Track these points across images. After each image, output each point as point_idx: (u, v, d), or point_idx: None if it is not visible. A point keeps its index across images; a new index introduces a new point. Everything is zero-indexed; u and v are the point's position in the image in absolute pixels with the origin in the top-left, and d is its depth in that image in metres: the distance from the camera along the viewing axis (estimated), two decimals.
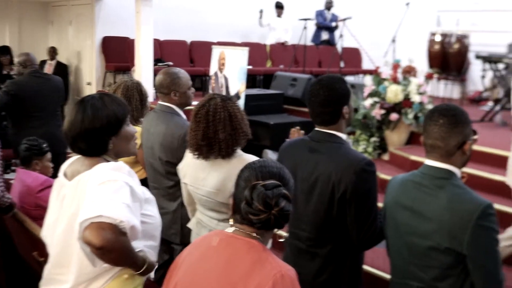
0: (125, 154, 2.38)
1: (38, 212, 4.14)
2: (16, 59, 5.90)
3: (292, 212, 1.92)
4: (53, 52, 10.11)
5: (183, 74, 3.75)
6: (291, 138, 3.14)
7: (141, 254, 2.19)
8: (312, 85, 2.74)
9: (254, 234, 1.88)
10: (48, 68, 9.77)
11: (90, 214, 1.94)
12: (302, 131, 3.18)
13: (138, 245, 2.18)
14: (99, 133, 2.23)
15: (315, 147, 2.71)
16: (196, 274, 1.90)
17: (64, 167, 2.36)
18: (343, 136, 2.74)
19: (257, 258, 1.83)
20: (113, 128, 2.25)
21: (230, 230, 1.93)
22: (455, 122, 2.29)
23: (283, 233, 2.16)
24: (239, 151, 2.98)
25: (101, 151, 2.26)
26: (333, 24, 11.96)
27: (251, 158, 2.86)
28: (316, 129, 2.76)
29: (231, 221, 1.96)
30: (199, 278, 1.88)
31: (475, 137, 2.40)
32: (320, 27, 12.19)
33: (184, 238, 3.53)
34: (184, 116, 3.74)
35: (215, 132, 2.87)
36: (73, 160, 2.36)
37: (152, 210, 2.33)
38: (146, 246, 2.28)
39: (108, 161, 2.25)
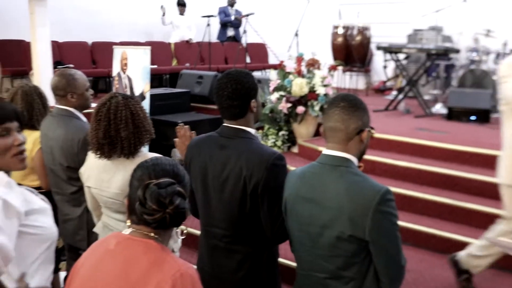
0: (2, 167, 2.15)
1: None
2: None
3: (189, 209, 1.94)
4: None
5: (79, 75, 3.62)
6: (179, 136, 3.12)
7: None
8: (219, 79, 2.69)
9: (152, 234, 1.83)
10: None
11: None
12: (187, 126, 3.15)
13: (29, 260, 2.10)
14: None
15: (225, 143, 2.67)
16: (94, 279, 1.83)
17: None
18: (252, 131, 2.71)
19: (155, 259, 1.79)
20: None
21: (127, 231, 1.88)
22: (355, 105, 2.32)
23: (184, 228, 2.05)
24: (143, 150, 2.93)
25: None
26: (232, 18, 11.97)
27: (156, 156, 2.76)
28: (225, 124, 2.72)
29: (128, 222, 1.91)
30: (97, 283, 1.81)
31: (373, 130, 2.42)
32: (224, 24, 12.17)
33: (91, 244, 3.36)
34: (84, 119, 3.61)
35: (116, 130, 2.79)
36: None
37: (43, 221, 2.18)
38: (36, 263, 2.15)
39: None
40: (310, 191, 2.35)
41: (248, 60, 10.14)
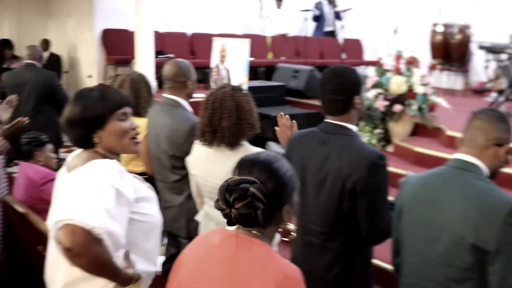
0: (119, 150, 2.26)
1: (42, 206, 4.11)
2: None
3: (301, 205, 1.91)
4: (45, 44, 10.10)
5: (191, 64, 3.75)
6: (280, 126, 3.16)
7: (130, 271, 2.08)
8: (324, 73, 2.71)
9: (255, 232, 1.79)
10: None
11: (64, 216, 1.88)
12: (287, 116, 3.17)
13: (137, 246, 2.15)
14: (78, 125, 2.17)
15: (326, 139, 2.66)
16: (199, 275, 1.84)
17: (68, 159, 2.31)
18: (354, 128, 2.70)
19: (259, 258, 1.76)
20: (93, 122, 2.17)
21: (232, 227, 1.84)
22: (502, 117, 2.29)
23: (292, 227, 2.02)
24: (246, 143, 2.97)
25: (86, 144, 2.21)
26: (329, 12, 11.90)
27: (258, 150, 2.80)
28: (327, 120, 2.72)
29: None
30: (201, 279, 1.83)
31: None
32: (319, 19, 12.12)
33: (191, 232, 3.49)
34: (190, 109, 3.71)
35: (219, 119, 2.88)
36: (75, 153, 2.31)
37: (150, 208, 2.24)
38: (144, 249, 2.21)
39: (104, 157, 2.19)
40: (432, 192, 2.30)
41: (343, 56, 10.08)
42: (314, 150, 2.68)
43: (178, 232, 3.64)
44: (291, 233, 2.03)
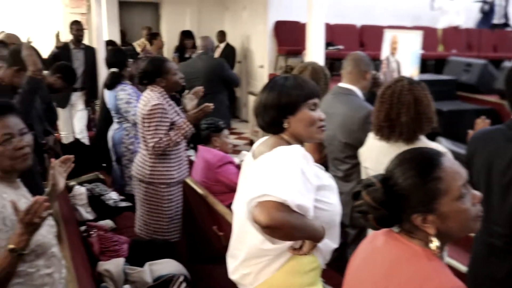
0: (305, 138, 2.29)
1: (218, 188, 4.42)
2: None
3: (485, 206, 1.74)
4: (222, 35, 10.64)
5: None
6: (476, 130, 3.01)
7: (317, 223, 2.08)
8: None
9: (416, 237, 1.68)
10: (218, 51, 10.22)
11: (256, 194, 1.93)
12: (488, 121, 3.06)
13: None
14: (273, 109, 2.23)
15: None
16: (361, 274, 1.83)
17: (254, 146, 2.40)
18: None
19: (418, 269, 1.62)
20: (287, 107, 2.22)
21: (397, 229, 1.76)
22: None
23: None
24: (423, 138, 2.90)
25: (276, 128, 2.27)
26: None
27: (436, 146, 2.77)
28: None
29: None
30: (363, 278, 1.81)
31: None
32: (487, 10, 11.56)
33: (355, 220, 3.53)
34: (363, 98, 3.76)
35: (397, 114, 2.83)
36: (262, 140, 2.38)
37: (331, 197, 2.23)
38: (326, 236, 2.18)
39: (289, 143, 2.22)
40: None
41: None
42: (501, 149, 2.54)
43: (343, 219, 3.74)
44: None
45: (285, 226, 1.90)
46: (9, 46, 4.18)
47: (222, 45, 10.53)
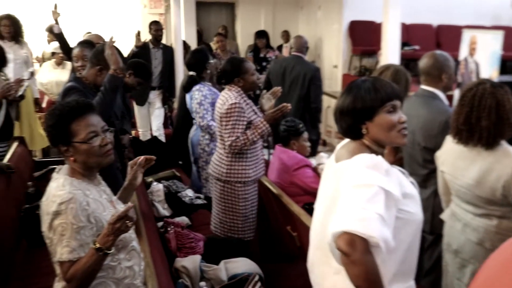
0: (386, 143, 2.20)
1: (292, 189, 4.43)
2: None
3: None
4: (287, 35, 10.63)
5: (449, 57, 3.72)
6: None
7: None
8: None
9: None
10: (285, 51, 10.22)
11: (342, 227, 1.88)
12: None
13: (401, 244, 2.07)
14: (348, 115, 2.16)
15: None
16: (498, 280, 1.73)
17: (337, 148, 2.34)
18: None
19: None
20: (363, 112, 2.13)
21: None
22: None
23: None
24: (504, 144, 2.82)
25: (354, 134, 2.19)
26: None
27: None
28: None
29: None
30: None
31: None
32: None
33: (435, 228, 3.49)
34: (446, 102, 3.68)
35: (478, 118, 2.77)
36: (343, 143, 2.32)
37: (412, 206, 2.14)
38: (404, 243, 2.12)
39: (370, 149, 2.16)
40: None
41: None
42: None
43: (423, 226, 3.67)
44: None
45: (362, 263, 1.86)
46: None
47: (288, 45, 10.52)
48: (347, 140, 2.30)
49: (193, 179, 5.58)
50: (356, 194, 1.95)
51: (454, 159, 2.97)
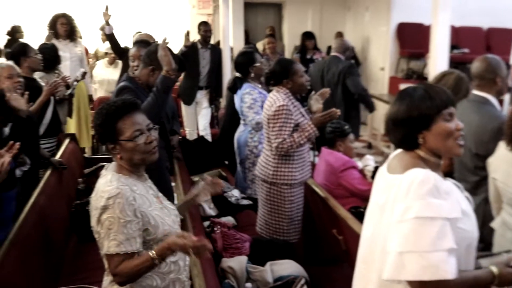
0: (442, 152, 2.09)
1: (339, 191, 4.43)
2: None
3: None
4: (339, 36, 10.55)
5: (501, 60, 3.65)
6: None
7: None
8: None
9: None
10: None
11: (414, 276, 1.85)
12: None
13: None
14: (403, 125, 2.08)
15: None
16: None
17: (390, 157, 2.26)
18: None
19: None
20: (419, 121, 2.04)
21: None
22: None
23: None
24: None
25: (410, 145, 2.10)
26: None
27: None
28: None
29: None
30: None
31: None
32: None
33: (485, 236, 3.34)
34: (499, 107, 3.62)
35: None
36: (396, 152, 2.24)
37: (467, 223, 2.05)
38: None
39: (425, 161, 2.08)
40: None
41: None
42: None
43: None
44: None
45: None
46: None
47: None
48: (399, 150, 2.23)
49: (238, 179, 5.62)
50: (421, 232, 1.87)
51: (507, 167, 2.91)
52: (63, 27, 6.88)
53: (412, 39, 9.76)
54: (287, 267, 3.71)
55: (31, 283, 3.19)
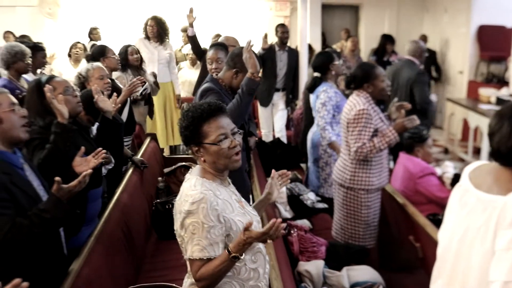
0: None
1: (416, 198, 4.38)
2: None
3: None
4: (423, 40, 10.33)
5: None
6: None
7: None
8: None
9: None
10: None
11: None
12: None
13: None
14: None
15: None
16: None
17: (469, 168, 2.13)
18: None
19: None
20: None
21: None
22: None
23: None
24: None
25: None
26: None
27: None
28: None
29: None
30: None
31: None
32: None
33: None
34: None
35: None
36: (481, 165, 2.11)
37: None
38: None
39: None
40: None
41: None
42: None
43: None
44: None
45: None
46: (228, 48, 4.40)
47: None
48: (482, 162, 2.12)
49: (310, 179, 5.63)
50: None
51: None
52: (152, 30, 7.03)
53: (493, 41, 9.51)
54: (364, 273, 3.70)
55: (114, 277, 3.28)
